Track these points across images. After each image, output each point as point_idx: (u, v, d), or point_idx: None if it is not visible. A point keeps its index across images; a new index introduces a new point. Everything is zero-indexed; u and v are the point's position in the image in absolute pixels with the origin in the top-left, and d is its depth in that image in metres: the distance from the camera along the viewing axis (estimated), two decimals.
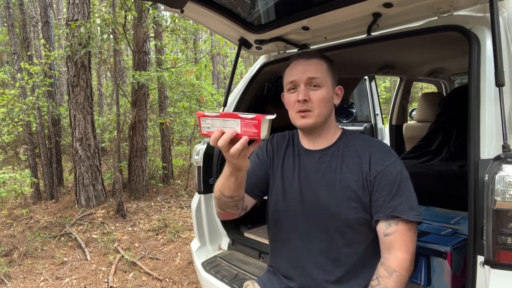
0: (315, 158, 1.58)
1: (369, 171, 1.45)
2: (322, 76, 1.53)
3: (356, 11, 2.02)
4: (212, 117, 1.22)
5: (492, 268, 1.33)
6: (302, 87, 1.51)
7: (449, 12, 1.81)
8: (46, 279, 4.08)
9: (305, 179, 1.58)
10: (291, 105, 1.56)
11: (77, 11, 6.18)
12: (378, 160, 1.46)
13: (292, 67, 1.59)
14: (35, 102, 6.93)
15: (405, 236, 1.38)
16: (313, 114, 1.50)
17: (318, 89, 1.51)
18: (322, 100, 1.51)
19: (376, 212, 1.42)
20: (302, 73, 1.53)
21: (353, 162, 1.50)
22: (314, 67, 1.54)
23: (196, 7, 2.29)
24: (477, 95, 1.54)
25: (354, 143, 1.55)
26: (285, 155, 1.68)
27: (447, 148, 3.15)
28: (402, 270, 1.35)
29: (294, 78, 1.55)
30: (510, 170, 1.29)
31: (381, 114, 5.25)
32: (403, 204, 1.38)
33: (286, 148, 1.70)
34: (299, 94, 1.51)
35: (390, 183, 1.42)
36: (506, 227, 1.29)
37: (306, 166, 1.60)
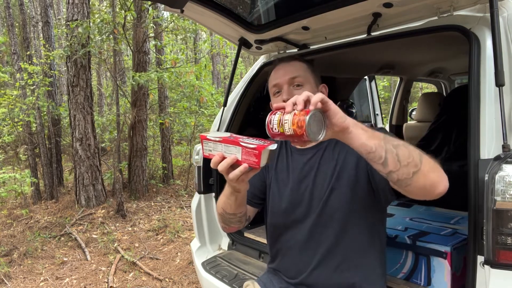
0: (308, 155, 1.61)
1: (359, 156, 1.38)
2: (304, 75, 1.58)
3: (356, 11, 2.02)
4: (214, 141, 1.24)
5: (492, 268, 1.34)
6: (285, 88, 1.57)
7: (449, 12, 1.81)
8: (46, 279, 4.09)
9: (299, 178, 1.59)
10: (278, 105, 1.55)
11: (76, 11, 6.18)
12: None
13: (274, 72, 1.65)
14: (35, 102, 6.93)
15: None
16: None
17: (301, 88, 1.56)
18: None
19: (382, 194, 1.39)
20: (284, 75, 1.58)
21: (345, 148, 1.49)
22: (294, 67, 1.60)
23: (196, 7, 2.29)
24: (477, 95, 1.54)
25: None
26: (278, 158, 1.71)
27: (447, 148, 3.15)
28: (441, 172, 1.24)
29: (277, 81, 1.61)
30: (510, 170, 1.29)
31: (381, 114, 5.25)
32: None
33: (279, 151, 1.72)
34: (283, 94, 1.57)
35: None
36: (506, 227, 1.30)
37: (299, 164, 1.62)
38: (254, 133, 1.40)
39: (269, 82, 1.67)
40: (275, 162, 1.70)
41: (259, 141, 1.16)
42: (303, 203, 1.56)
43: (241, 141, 1.17)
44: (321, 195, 1.51)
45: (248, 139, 1.18)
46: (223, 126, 2.85)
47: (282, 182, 1.65)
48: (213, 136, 1.24)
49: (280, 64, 1.64)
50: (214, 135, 1.24)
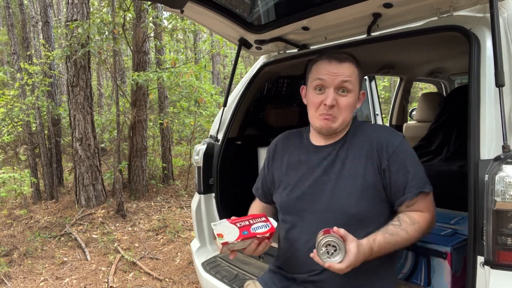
0: (323, 153, 1.59)
1: (379, 156, 1.48)
2: (353, 81, 1.51)
3: (356, 11, 2.03)
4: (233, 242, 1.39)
5: (492, 268, 1.33)
6: (331, 92, 1.49)
7: (449, 12, 1.81)
8: (46, 279, 4.08)
9: (312, 174, 1.58)
10: (314, 105, 1.54)
11: (76, 11, 6.18)
12: (387, 143, 1.49)
13: (322, 66, 1.53)
14: (34, 102, 6.93)
15: (426, 203, 1.47)
16: (337, 120, 1.51)
17: (347, 95, 1.50)
18: (349, 107, 1.51)
19: (400, 194, 1.46)
20: (335, 76, 1.49)
21: (360, 151, 1.52)
22: (347, 71, 1.51)
23: (196, 7, 2.29)
24: (477, 96, 1.54)
25: (360, 132, 1.57)
26: (291, 154, 1.69)
27: (447, 148, 3.15)
28: (424, 224, 1.44)
29: (324, 79, 1.51)
30: (510, 171, 1.29)
31: (381, 114, 5.25)
32: (421, 180, 1.46)
33: (294, 146, 1.71)
34: (327, 98, 1.49)
35: (404, 164, 1.46)
36: (506, 227, 1.29)
37: (313, 161, 1.60)
38: (254, 133, 1.42)
39: (313, 73, 1.57)
40: (287, 158, 1.70)
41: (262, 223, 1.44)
42: (315, 201, 1.55)
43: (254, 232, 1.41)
44: (335, 194, 1.51)
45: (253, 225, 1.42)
46: (223, 127, 2.85)
47: (293, 178, 1.63)
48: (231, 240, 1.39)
49: (333, 60, 1.52)
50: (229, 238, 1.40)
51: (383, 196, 1.49)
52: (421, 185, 1.45)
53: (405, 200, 1.46)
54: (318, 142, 1.63)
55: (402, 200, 1.46)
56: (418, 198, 1.45)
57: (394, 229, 1.40)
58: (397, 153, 1.47)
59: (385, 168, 1.46)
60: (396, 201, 1.48)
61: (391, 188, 1.47)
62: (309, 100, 1.58)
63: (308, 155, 1.63)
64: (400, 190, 1.46)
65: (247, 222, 1.43)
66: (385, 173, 1.46)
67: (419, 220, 1.44)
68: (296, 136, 1.75)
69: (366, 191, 1.47)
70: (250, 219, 1.44)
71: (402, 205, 1.47)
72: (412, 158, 1.49)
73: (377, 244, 1.36)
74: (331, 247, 1.28)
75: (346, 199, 1.48)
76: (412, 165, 1.47)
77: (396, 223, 1.43)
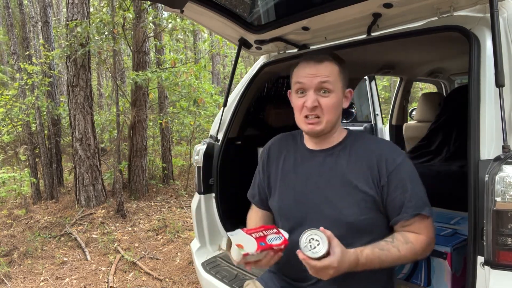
0: (319, 158, 1.55)
1: (379, 172, 1.43)
2: (333, 81, 1.46)
3: (356, 12, 2.02)
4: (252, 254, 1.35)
5: (492, 268, 1.33)
6: (311, 93, 1.45)
7: (449, 12, 1.81)
8: (46, 279, 4.08)
9: (308, 180, 1.54)
10: (298, 108, 1.50)
11: (76, 11, 6.18)
12: (388, 159, 1.44)
13: (301, 68, 1.51)
14: (34, 102, 6.92)
15: (423, 225, 1.42)
16: (321, 121, 1.46)
17: (329, 95, 1.46)
18: (332, 107, 1.46)
19: (395, 213, 1.43)
20: (313, 77, 1.45)
21: (361, 162, 1.47)
22: (325, 71, 1.46)
23: (196, 7, 2.29)
24: (477, 96, 1.54)
25: (361, 143, 1.53)
26: (286, 158, 1.65)
27: (447, 148, 3.15)
28: (418, 245, 1.40)
29: (303, 82, 1.48)
30: (510, 171, 1.29)
31: (381, 114, 5.25)
32: (420, 201, 1.41)
33: (287, 151, 1.66)
34: (307, 100, 1.45)
35: (403, 183, 1.41)
36: (506, 227, 1.29)
37: (309, 167, 1.56)
38: (254, 133, 1.42)
39: (293, 76, 1.54)
40: (282, 163, 1.65)
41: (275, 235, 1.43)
42: (312, 208, 1.51)
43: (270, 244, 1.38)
44: (334, 203, 1.47)
45: (268, 236, 1.41)
46: (223, 127, 2.85)
47: (289, 184, 1.59)
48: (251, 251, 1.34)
49: (311, 62, 1.48)
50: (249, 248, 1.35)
51: (381, 209, 1.46)
52: (419, 206, 1.41)
53: (399, 220, 1.43)
54: (312, 146, 1.59)
55: (397, 219, 1.43)
56: (414, 220, 1.41)
57: (385, 245, 1.38)
58: (398, 171, 1.42)
59: (384, 185, 1.42)
60: (392, 219, 1.45)
61: (388, 206, 1.44)
62: (293, 104, 1.55)
63: (303, 160, 1.59)
64: (396, 209, 1.43)
65: (261, 233, 1.40)
66: (384, 189, 1.43)
67: (413, 241, 1.40)
68: (289, 139, 1.70)
69: (365, 203, 1.43)
70: (263, 230, 1.42)
71: (397, 224, 1.44)
72: (412, 177, 1.44)
73: (365, 256, 1.33)
74: (314, 241, 1.25)
75: (345, 208, 1.44)
76: (412, 185, 1.42)
77: (389, 240, 1.40)
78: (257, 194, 1.77)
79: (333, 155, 1.52)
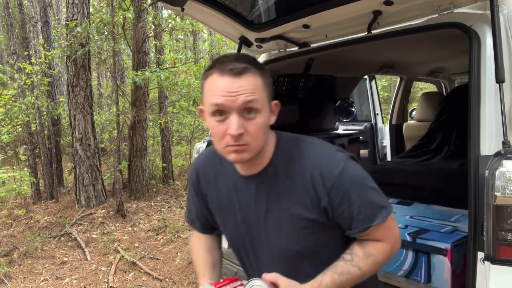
0: (253, 186, 1.28)
1: (316, 192, 1.19)
2: (260, 98, 1.14)
3: (356, 9, 2.03)
4: None
5: (492, 264, 1.34)
6: (234, 118, 1.11)
7: (450, 9, 1.81)
8: (46, 279, 4.08)
9: (247, 211, 1.31)
10: (218, 136, 1.17)
11: (76, 11, 6.19)
12: (324, 175, 1.18)
13: (216, 84, 1.13)
14: (34, 102, 6.93)
15: (381, 232, 1.23)
16: (249, 148, 1.15)
17: (256, 117, 1.13)
18: (262, 130, 1.16)
19: (346, 227, 1.24)
20: (234, 96, 1.11)
21: (295, 185, 1.22)
22: (249, 86, 1.12)
23: (197, 5, 2.29)
24: (477, 92, 1.55)
25: (292, 157, 1.25)
26: (217, 184, 1.38)
27: (447, 147, 3.16)
28: (380, 255, 1.24)
29: (221, 103, 1.11)
30: (510, 166, 1.30)
31: (381, 113, 5.25)
32: (372, 209, 1.21)
33: (217, 176, 1.39)
34: (230, 127, 1.11)
35: (347, 195, 1.18)
36: (506, 223, 1.30)
37: (245, 196, 1.30)
38: None
39: (206, 90, 1.17)
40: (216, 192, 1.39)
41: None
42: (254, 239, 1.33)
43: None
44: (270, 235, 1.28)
45: None
46: None
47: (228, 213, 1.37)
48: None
49: (228, 75, 1.12)
50: None
51: (330, 225, 1.25)
52: (370, 217, 1.20)
53: (353, 234, 1.24)
54: (244, 170, 1.29)
55: (350, 233, 1.24)
56: (369, 230, 1.21)
57: (344, 267, 1.21)
58: (338, 184, 1.17)
59: (325, 206, 1.19)
60: (346, 232, 1.26)
61: (337, 221, 1.23)
62: (210, 127, 1.20)
63: (237, 188, 1.32)
64: (346, 223, 1.22)
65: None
66: (327, 210, 1.20)
67: (374, 252, 1.23)
68: (216, 162, 1.37)
69: (308, 229, 1.23)
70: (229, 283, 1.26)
71: (352, 236, 1.26)
72: (358, 184, 1.21)
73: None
74: None
75: (290, 238, 1.25)
76: (357, 194, 1.19)
77: (348, 258, 1.23)
78: (197, 218, 1.51)
79: (266, 181, 1.26)
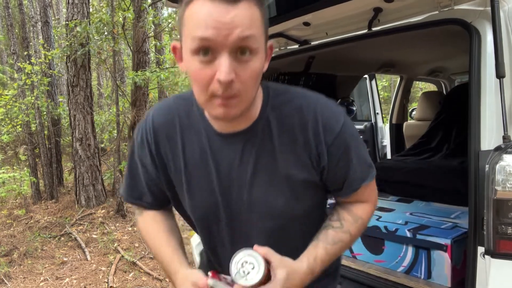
0: (237, 145, 1.06)
1: (317, 149, 1.05)
2: (258, 35, 0.89)
3: (357, 6, 2.03)
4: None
5: (492, 258, 1.34)
6: (225, 58, 0.86)
7: (450, 6, 1.82)
8: (46, 279, 4.08)
9: (228, 176, 1.08)
10: (201, 81, 0.91)
11: (76, 11, 6.20)
12: (327, 129, 1.04)
13: (204, 10, 0.85)
14: (34, 102, 6.93)
15: (368, 191, 1.16)
16: (240, 100, 0.92)
17: (251, 59, 0.89)
18: (256, 77, 0.93)
19: (337, 188, 1.14)
20: (228, 30, 0.84)
21: (293, 140, 1.05)
22: (246, 17, 0.86)
23: None
24: (477, 88, 1.55)
25: (286, 109, 1.06)
26: (186, 144, 1.10)
27: (447, 145, 3.17)
28: (367, 218, 1.18)
29: (210, 37, 0.85)
30: (511, 160, 1.30)
31: (381, 113, 5.25)
32: (364, 168, 1.12)
33: (184, 133, 1.10)
34: (220, 71, 0.86)
35: (346, 153, 1.07)
36: (506, 217, 1.30)
37: (226, 160, 1.07)
38: None
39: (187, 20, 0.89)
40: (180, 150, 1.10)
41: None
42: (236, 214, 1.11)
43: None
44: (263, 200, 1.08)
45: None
46: None
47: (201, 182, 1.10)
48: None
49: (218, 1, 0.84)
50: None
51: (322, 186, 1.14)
52: (364, 175, 1.12)
53: (344, 195, 1.16)
54: (223, 127, 1.06)
55: (340, 194, 1.16)
56: (359, 191, 1.13)
57: (335, 235, 1.11)
58: (339, 142, 1.05)
59: (324, 165, 1.06)
60: (333, 193, 1.18)
61: (327, 181, 1.12)
62: (190, 71, 0.94)
63: (215, 148, 1.07)
64: (338, 183, 1.13)
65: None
66: (324, 170, 1.08)
67: (362, 215, 1.16)
68: (182, 115, 1.11)
69: (304, 189, 1.10)
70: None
71: (340, 198, 1.19)
72: (356, 142, 1.10)
73: (320, 262, 1.07)
74: (248, 265, 0.96)
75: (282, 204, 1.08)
76: (355, 154, 1.09)
77: (337, 225, 1.13)
78: (148, 191, 1.20)
79: (255, 138, 1.05)
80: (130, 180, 1.22)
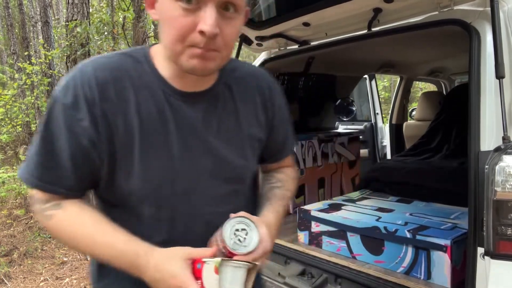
0: (201, 105, 1.00)
1: (266, 110, 1.11)
2: None
3: (357, 7, 2.03)
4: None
5: (492, 259, 1.34)
6: (212, 10, 0.84)
7: (450, 6, 1.82)
8: (46, 279, 4.08)
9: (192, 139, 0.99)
10: (180, 31, 0.85)
11: (76, 11, 6.19)
12: (276, 92, 1.14)
13: None
14: (34, 102, 6.93)
15: (292, 157, 1.30)
16: (218, 56, 0.90)
17: (235, 17, 0.89)
18: (236, 35, 0.94)
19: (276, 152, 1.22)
20: None
21: (250, 99, 1.08)
22: None
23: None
24: (477, 88, 1.55)
25: (240, 73, 1.09)
26: (142, 108, 0.94)
27: (447, 145, 3.16)
28: (296, 177, 1.29)
29: None
30: (510, 161, 1.30)
31: (381, 113, 5.25)
32: (293, 135, 1.25)
33: (138, 96, 0.95)
34: (205, 20, 0.83)
35: (286, 118, 1.20)
36: (506, 217, 1.30)
37: (188, 120, 0.98)
38: None
39: None
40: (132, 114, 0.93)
41: None
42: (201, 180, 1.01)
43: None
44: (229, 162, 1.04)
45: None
46: None
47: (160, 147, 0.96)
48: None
49: None
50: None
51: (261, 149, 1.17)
52: (294, 142, 1.28)
53: (279, 159, 1.24)
54: (185, 86, 0.98)
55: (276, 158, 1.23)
56: (289, 156, 1.29)
57: (280, 193, 1.19)
58: (281, 105, 1.15)
59: (274, 125, 1.14)
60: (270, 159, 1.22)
61: (270, 146, 1.17)
62: (166, 18, 0.88)
63: (176, 108, 0.97)
64: (279, 148, 1.22)
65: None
66: (273, 130, 1.14)
67: (294, 175, 1.27)
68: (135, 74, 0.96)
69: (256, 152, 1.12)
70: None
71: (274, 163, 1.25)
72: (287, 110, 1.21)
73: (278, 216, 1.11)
74: (240, 232, 0.93)
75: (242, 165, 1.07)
76: (289, 119, 1.21)
77: (280, 185, 1.20)
78: (70, 171, 0.93)
79: (218, 98, 1.03)
80: (42, 158, 0.94)
